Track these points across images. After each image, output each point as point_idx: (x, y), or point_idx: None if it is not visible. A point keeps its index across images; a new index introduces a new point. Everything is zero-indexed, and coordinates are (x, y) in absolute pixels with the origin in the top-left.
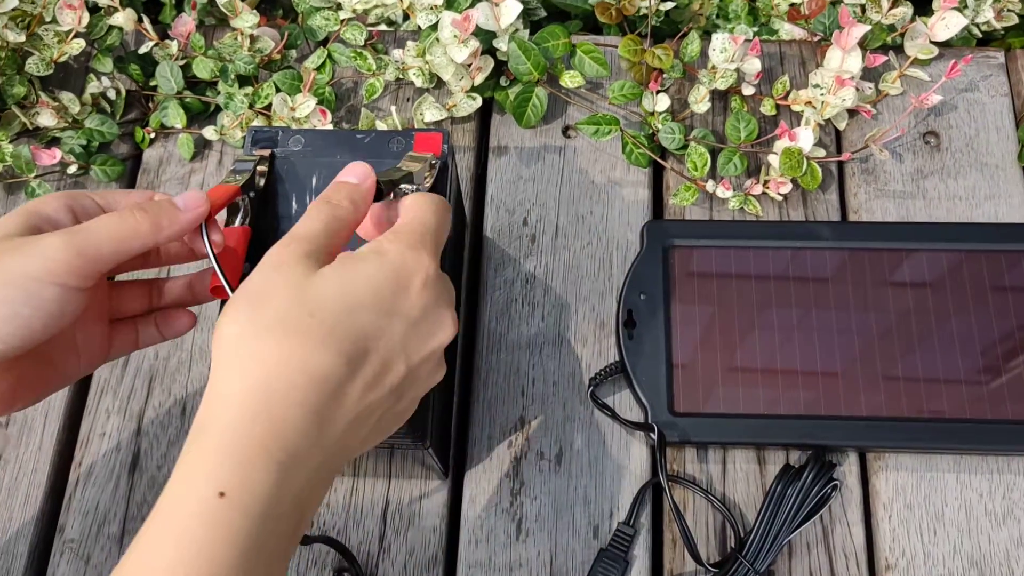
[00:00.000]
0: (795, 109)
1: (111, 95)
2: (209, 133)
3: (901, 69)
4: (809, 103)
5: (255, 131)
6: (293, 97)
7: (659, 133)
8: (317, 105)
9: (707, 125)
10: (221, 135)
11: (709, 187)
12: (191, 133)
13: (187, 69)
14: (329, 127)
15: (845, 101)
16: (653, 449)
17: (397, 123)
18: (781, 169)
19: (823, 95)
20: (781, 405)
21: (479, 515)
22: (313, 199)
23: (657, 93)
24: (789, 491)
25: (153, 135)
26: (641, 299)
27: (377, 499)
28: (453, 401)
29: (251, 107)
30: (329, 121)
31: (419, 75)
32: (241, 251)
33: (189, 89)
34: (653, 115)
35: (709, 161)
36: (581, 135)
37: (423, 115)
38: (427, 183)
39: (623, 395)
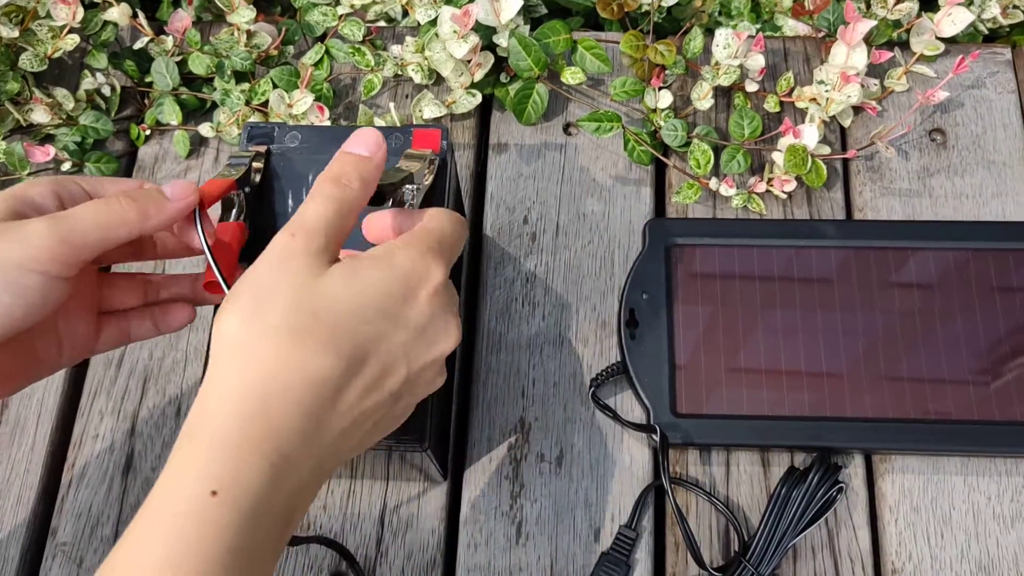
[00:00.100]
0: (799, 106)
1: (106, 91)
2: (205, 130)
3: (907, 65)
4: (814, 100)
5: (251, 127)
6: (290, 93)
7: (661, 130)
8: (315, 102)
9: (710, 122)
10: (217, 132)
11: (712, 185)
12: (187, 130)
13: (183, 65)
14: (327, 124)
15: (850, 98)
16: (655, 451)
17: (396, 120)
18: (785, 167)
19: (828, 91)
20: (785, 406)
21: (478, 518)
22: None
23: (659, 90)
24: (794, 494)
25: (148, 132)
26: (643, 298)
27: (375, 502)
28: (452, 402)
29: (248, 104)
30: (327, 118)
31: (418, 71)
32: (236, 246)
33: (185, 85)
34: (655, 112)
35: (712, 158)
36: (582, 132)
37: (422, 112)
38: (427, 181)
39: (625, 396)
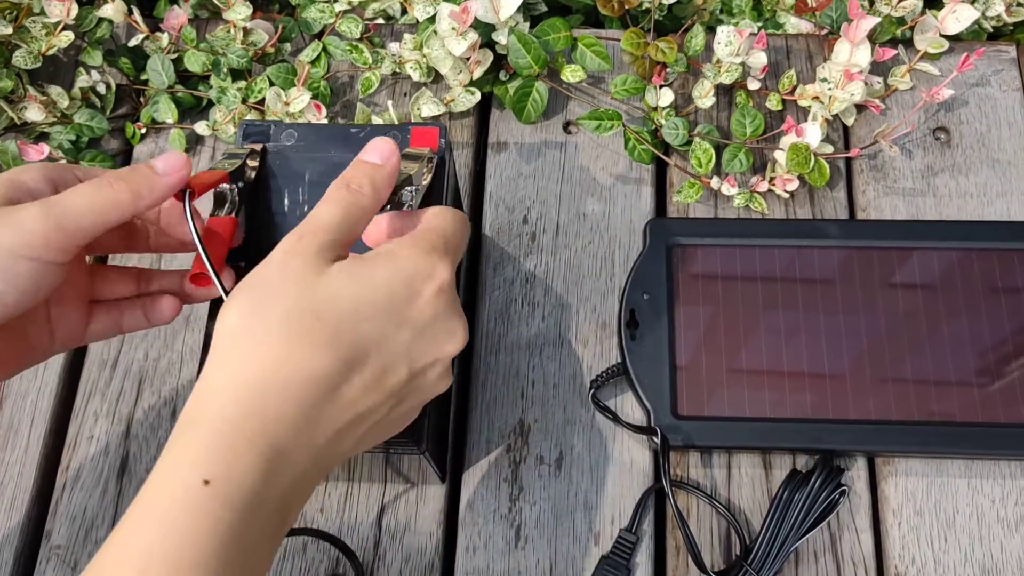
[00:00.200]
0: (802, 104)
1: (101, 89)
2: (201, 128)
3: (911, 63)
4: (816, 98)
5: (247, 125)
6: (287, 91)
7: (662, 129)
8: (312, 100)
9: (712, 121)
10: (213, 130)
11: (714, 184)
12: (183, 128)
13: (179, 63)
14: (324, 122)
15: (853, 96)
16: (656, 453)
17: (394, 118)
18: (788, 166)
19: (831, 90)
20: (787, 408)
21: (477, 521)
22: (306, 195)
23: (660, 88)
24: (796, 497)
25: (144, 130)
26: (644, 299)
27: (372, 504)
28: (451, 404)
29: (244, 102)
30: (324, 116)
31: (416, 69)
32: (227, 239)
33: (181, 83)
34: (656, 110)
35: (714, 157)
36: (582, 131)
37: (420, 110)
38: (425, 181)
39: (625, 398)
